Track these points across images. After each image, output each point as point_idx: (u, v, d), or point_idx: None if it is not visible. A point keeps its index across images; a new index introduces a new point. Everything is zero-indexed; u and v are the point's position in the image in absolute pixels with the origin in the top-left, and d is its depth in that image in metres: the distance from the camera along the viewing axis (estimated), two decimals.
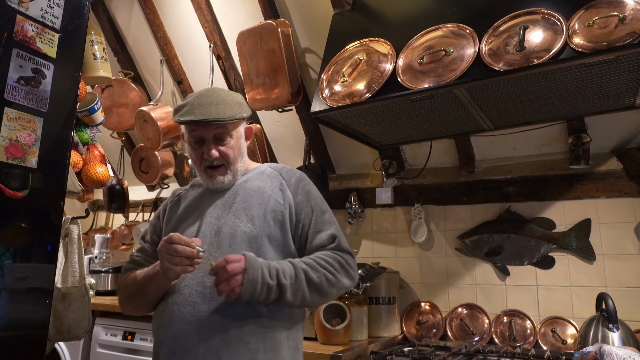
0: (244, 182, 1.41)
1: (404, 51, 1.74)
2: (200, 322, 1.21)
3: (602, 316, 1.78)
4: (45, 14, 1.28)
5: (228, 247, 1.28)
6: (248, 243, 1.29)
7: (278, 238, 1.32)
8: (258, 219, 1.31)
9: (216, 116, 1.29)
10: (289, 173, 1.44)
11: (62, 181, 1.32)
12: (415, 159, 2.62)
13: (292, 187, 1.39)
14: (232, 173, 1.39)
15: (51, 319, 1.60)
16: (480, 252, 2.35)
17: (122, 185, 3.49)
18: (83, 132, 1.93)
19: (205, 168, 1.38)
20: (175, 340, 1.22)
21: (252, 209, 1.33)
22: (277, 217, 1.33)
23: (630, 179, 2.11)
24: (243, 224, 1.31)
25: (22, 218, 1.22)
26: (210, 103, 1.32)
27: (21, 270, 1.23)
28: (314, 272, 1.25)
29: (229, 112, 1.32)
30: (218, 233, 1.31)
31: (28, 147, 1.23)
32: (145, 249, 1.46)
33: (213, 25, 2.71)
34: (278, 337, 1.26)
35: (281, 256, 1.32)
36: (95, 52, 1.88)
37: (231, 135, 1.37)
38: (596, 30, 1.38)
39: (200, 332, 1.20)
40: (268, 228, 1.31)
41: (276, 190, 1.37)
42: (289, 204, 1.35)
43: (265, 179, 1.41)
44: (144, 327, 2.44)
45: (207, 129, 1.33)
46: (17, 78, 1.21)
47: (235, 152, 1.38)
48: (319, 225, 1.36)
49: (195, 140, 1.36)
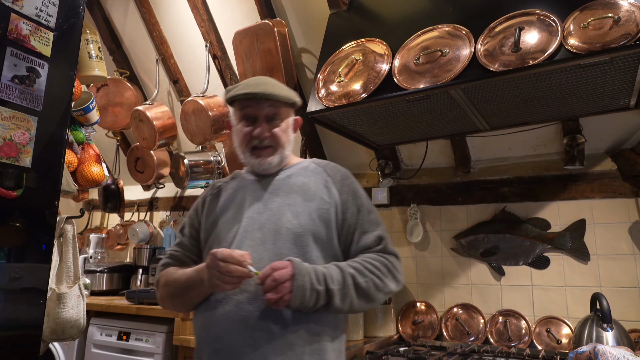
0: (288, 177, 1.36)
1: (400, 51, 1.74)
2: (245, 321, 1.17)
3: (597, 316, 1.79)
4: (40, 12, 1.27)
5: (272, 244, 1.24)
6: (293, 240, 1.24)
7: (323, 237, 1.27)
8: (303, 216, 1.26)
9: (272, 92, 1.28)
10: (334, 170, 1.38)
11: (57, 180, 1.32)
12: (411, 159, 2.62)
13: (338, 184, 1.34)
14: (280, 157, 1.35)
15: (45, 319, 1.59)
16: (476, 252, 2.36)
17: (117, 184, 3.48)
18: (78, 132, 1.93)
19: (253, 149, 1.34)
20: (219, 340, 1.19)
21: (297, 205, 1.28)
22: (322, 215, 1.28)
23: (625, 179, 2.12)
24: (287, 220, 1.26)
25: (16, 218, 1.21)
26: (266, 83, 1.31)
27: (15, 270, 1.22)
28: (362, 276, 1.20)
29: (284, 93, 1.32)
30: (261, 229, 1.27)
31: (22, 146, 1.22)
32: (184, 243, 1.41)
33: (209, 24, 2.70)
34: (324, 340, 1.22)
35: (325, 255, 1.27)
36: (91, 51, 1.87)
37: (282, 119, 1.34)
38: (591, 32, 1.39)
39: (245, 332, 1.17)
40: (313, 226, 1.26)
41: (321, 188, 1.32)
42: (334, 202, 1.30)
43: (309, 174, 1.36)
44: (139, 327, 2.43)
45: (260, 106, 1.31)
46: (11, 77, 1.20)
47: (284, 137, 1.35)
48: (365, 226, 1.30)
49: (246, 117, 1.33)
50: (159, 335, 2.34)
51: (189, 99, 2.74)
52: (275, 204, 1.30)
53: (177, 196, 3.50)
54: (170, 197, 3.53)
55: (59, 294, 1.67)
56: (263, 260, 1.21)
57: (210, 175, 3.06)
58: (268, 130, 1.32)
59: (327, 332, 1.23)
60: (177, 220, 3.39)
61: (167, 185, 3.48)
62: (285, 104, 1.34)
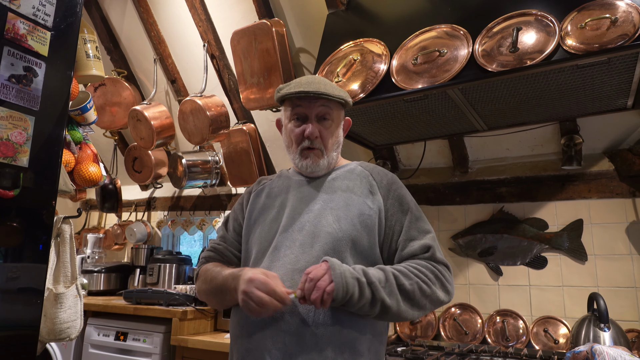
0: (333, 180, 1.33)
1: (398, 52, 1.74)
2: (277, 324, 1.15)
3: (594, 316, 1.80)
4: (37, 11, 1.27)
5: (310, 246, 1.21)
6: (332, 244, 1.20)
7: (364, 244, 1.22)
8: (344, 220, 1.22)
9: (325, 91, 1.26)
10: (380, 174, 1.34)
11: (54, 180, 1.31)
12: (409, 159, 2.62)
13: (384, 190, 1.30)
14: (328, 160, 1.32)
15: (42, 319, 1.58)
16: (474, 252, 2.36)
17: (115, 184, 3.47)
18: (75, 131, 1.92)
19: (302, 150, 1.31)
20: (251, 340, 1.17)
21: (339, 209, 1.25)
22: (365, 221, 1.23)
23: (622, 179, 2.12)
24: (328, 224, 1.22)
25: (13, 217, 1.21)
26: (318, 82, 1.29)
27: (12, 270, 1.22)
28: (406, 278, 1.13)
29: (337, 92, 1.29)
30: (301, 230, 1.24)
31: (19, 146, 1.21)
32: (227, 237, 1.40)
33: (207, 24, 2.70)
34: (358, 347, 1.17)
35: (365, 263, 1.22)
36: (88, 50, 1.87)
37: (333, 120, 1.31)
38: (588, 32, 1.39)
39: (276, 334, 1.15)
40: (354, 231, 1.22)
41: (366, 192, 1.29)
42: (378, 208, 1.26)
43: (354, 178, 1.33)
44: (137, 327, 2.43)
45: (312, 105, 1.28)
46: (8, 76, 1.19)
47: (333, 139, 1.32)
48: (411, 233, 1.24)
49: (298, 116, 1.30)
50: (156, 336, 2.34)
51: (186, 99, 2.74)
52: (317, 206, 1.28)
53: (174, 196, 3.49)
54: (168, 197, 3.53)
55: (56, 294, 1.67)
56: (299, 262, 1.19)
57: (208, 175, 3.06)
58: (319, 129, 1.29)
59: (362, 340, 1.18)
60: (174, 220, 3.38)
61: (165, 185, 3.47)
62: (337, 103, 1.31)
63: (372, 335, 1.20)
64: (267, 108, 2.50)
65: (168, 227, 3.43)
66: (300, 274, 1.17)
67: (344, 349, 1.14)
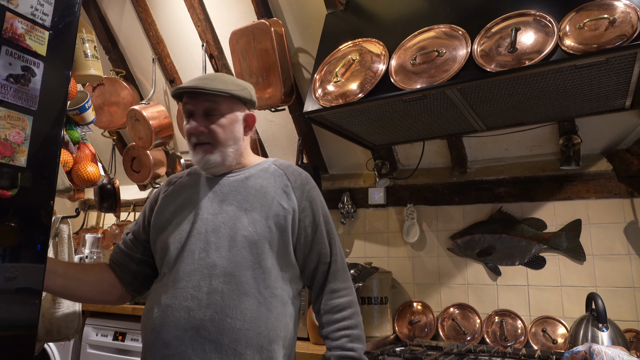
0: (246, 179, 1.32)
1: (396, 52, 1.74)
2: (195, 330, 1.16)
3: (592, 316, 1.80)
4: (35, 11, 1.26)
5: (227, 250, 1.22)
6: (249, 248, 1.22)
7: (279, 244, 1.25)
8: (260, 223, 1.24)
9: (203, 86, 1.25)
10: (294, 174, 1.35)
11: (52, 180, 1.31)
12: (408, 160, 2.62)
13: (298, 190, 1.31)
14: (221, 155, 1.30)
15: (40, 319, 1.58)
16: (472, 252, 2.36)
17: (113, 184, 3.46)
18: (74, 131, 1.92)
19: (194, 145, 1.31)
20: (168, 346, 1.17)
21: (253, 210, 1.26)
22: (279, 222, 1.25)
23: (620, 180, 2.13)
24: (243, 227, 1.23)
25: (11, 217, 1.21)
26: (206, 78, 1.29)
27: (10, 270, 1.21)
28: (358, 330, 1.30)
29: (220, 86, 1.27)
30: (215, 232, 1.24)
31: (17, 146, 1.21)
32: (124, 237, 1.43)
33: (206, 24, 2.69)
34: (275, 348, 1.21)
35: (281, 263, 1.25)
36: (87, 50, 1.86)
37: (223, 114, 1.29)
38: (587, 33, 1.40)
39: (195, 340, 1.16)
40: (269, 234, 1.24)
41: (280, 192, 1.29)
42: (292, 209, 1.28)
43: (268, 177, 1.32)
44: (135, 327, 2.42)
45: (197, 101, 1.28)
46: (6, 76, 1.19)
47: (225, 133, 1.29)
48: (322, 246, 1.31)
49: (186, 114, 1.31)
50: None
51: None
52: (232, 208, 1.27)
53: None
54: None
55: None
56: (217, 267, 1.20)
57: None
58: (205, 125, 1.28)
59: (278, 340, 1.22)
60: None
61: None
62: (226, 98, 1.29)
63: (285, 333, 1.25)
64: (265, 108, 2.50)
65: None
66: (218, 279, 1.18)
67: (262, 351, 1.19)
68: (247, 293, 1.19)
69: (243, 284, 1.19)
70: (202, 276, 1.20)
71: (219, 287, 1.19)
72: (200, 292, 1.19)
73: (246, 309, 1.18)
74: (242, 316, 1.18)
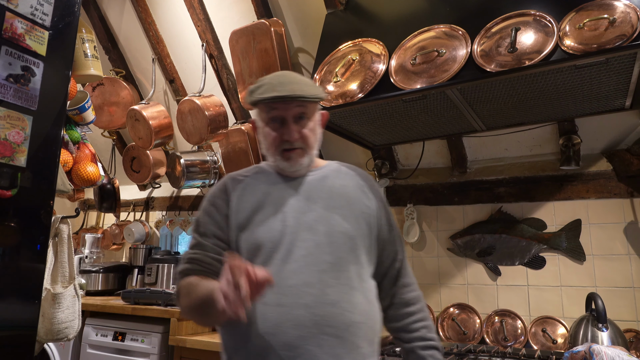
0: (324, 179, 1.31)
1: (396, 51, 1.74)
2: (319, 327, 1.13)
3: (592, 316, 1.80)
4: (35, 11, 1.26)
5: (328, 246, 1.20)
6: (348, 244, 1.21)
7: (367, 241, 1.27)
8: (351, 219, 1.24)
9: (301, 93, 1.21)
10: (363, 175, 1.38)
11: (52, 180, 1.31)
12: (408, 159, 2.62)
13: (372, 190, 1.34)
14: (309, 158, 1.29)
15: (40, 319, 1.58)
16: (472, 252, 2.36)
17: (113, 184, 3.46)
18: (73, 131, 1.92)
19: (282, 151, 1.27)
20: (292, 347, 1.12)
21: (342, 207, 1.26)
22: (366, 219, 1.27)
23: (620, 180, 2.13)
24: (338, 223, 1.23)
25: (11, 217, 1.21)
26: (291, 82, 1.25)
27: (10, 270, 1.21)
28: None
29: (312, 90, 1.25)
30: (310, 230, 1.21)
31: (17, 146, 1.21)
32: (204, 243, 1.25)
33: (205, 24, 2.69)
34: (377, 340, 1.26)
35: (368, 258, 1.27)
36: (86, 50, 1.86)
37: (310, 118, 1.28)
38: (587, 33, 1.40)
39: (320, 338, 1.13)
40: (360, 230, 1.25)
41: (359, 192, 1.31)
42: (373, 209, 1.30)
43: (344, 177, 1.34)
44: (135, 327, 2.42)
45: (288, 107, 1.24)
46: (5, 76, 1.19)
47: (315, 136, 1.30)
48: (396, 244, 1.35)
49: (274, 120, 1.26)
50: (154, 336, 2.34)
51: (185, 99, 2.73)
52: (319, 206, 1.26)
53: (173, 196, 3.49)
54: (166, 197, 3.52)
55: (54, 294, 1.67)
56: (321, 263, 1.18)
57: (206, 175, 3.06)
58: (298, 131, 1.26)
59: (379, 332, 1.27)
60: (173, 220, 3.38)
61: (163, 185, 3.47)
62: (313, 102, 1.28)
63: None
64: None
65: (166, 227, 3.42)
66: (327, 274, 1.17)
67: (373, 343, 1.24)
68: (355, 287, 1.20)
69: (350, 279, 1.20)
70: (310, 273, 1.17)
71: (331, 282, 1.17)
72: (314, 288, 1.16)
73: (358, 302, 1.19)
74: (357, 310, 1.19)
